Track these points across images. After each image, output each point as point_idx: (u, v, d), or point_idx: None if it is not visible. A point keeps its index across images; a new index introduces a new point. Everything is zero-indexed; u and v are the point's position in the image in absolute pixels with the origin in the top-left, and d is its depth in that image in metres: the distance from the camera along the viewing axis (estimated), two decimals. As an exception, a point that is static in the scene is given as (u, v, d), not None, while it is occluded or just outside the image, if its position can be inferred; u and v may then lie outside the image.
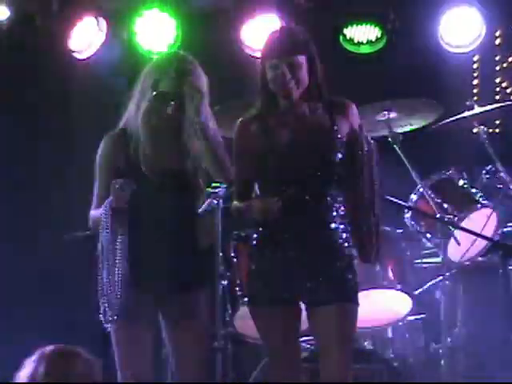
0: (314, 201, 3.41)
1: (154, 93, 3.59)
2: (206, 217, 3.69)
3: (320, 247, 3.42)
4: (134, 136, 3.64)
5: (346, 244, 3.44)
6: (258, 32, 5.55)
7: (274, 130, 3.47)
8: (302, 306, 3.51)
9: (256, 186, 3.54)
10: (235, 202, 3.52)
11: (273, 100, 3.49)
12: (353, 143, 3.45)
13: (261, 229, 3.49)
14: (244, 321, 4.44)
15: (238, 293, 4.56)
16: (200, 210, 3.66)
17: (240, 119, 3.56)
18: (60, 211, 5.65)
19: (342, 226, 3.43)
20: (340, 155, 3.44)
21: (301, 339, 3.73)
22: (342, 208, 3.45)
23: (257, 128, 3.49)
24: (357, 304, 3.46)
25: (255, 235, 3.54)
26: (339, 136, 3.45)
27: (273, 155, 3.43)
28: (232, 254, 4.60)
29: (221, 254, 3.77)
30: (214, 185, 3.75)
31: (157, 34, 5.57)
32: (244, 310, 4.41)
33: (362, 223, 3.43)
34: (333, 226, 3.43)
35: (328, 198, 3.43)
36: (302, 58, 3.43)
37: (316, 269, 3.41)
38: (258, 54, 3.67)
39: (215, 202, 4.25)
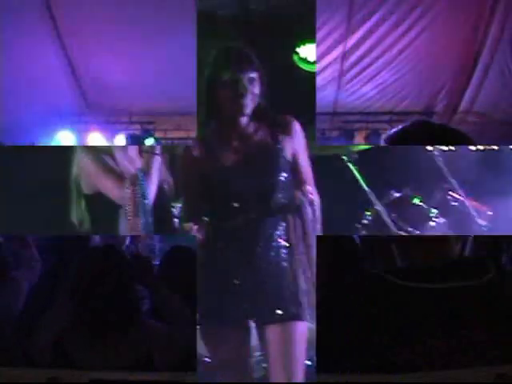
0: (259, 221, 3.36)
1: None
2: None
3: (266, 266, 3.35)
4: None
5: (290, 261, 3.38)
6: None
7: (218, 153, 3.41)
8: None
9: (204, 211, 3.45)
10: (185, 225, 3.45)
11: (218, 120, 3.43)
12: (296, 162, 3.42)
13: (209, 250, 3.43)
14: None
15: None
16: None
17: (184, 146, 3.50)
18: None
19: (285, 244, 3.38)
20: (285, 174, 3.40)
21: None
22: (287, 227, 3.39)
23: (201, 152, 3.43)
24: (303, 321, 3.35)
25: (204, 256, 3.47)
26: (283, 155, 3.40)
27: (218, 179, 3.38)
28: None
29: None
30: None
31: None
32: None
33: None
34: (277, 244, 3.37)
35: (273, 218, 3.38)
36: (257, 75, 3.38)
37: (262, 288, 3.34)
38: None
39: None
